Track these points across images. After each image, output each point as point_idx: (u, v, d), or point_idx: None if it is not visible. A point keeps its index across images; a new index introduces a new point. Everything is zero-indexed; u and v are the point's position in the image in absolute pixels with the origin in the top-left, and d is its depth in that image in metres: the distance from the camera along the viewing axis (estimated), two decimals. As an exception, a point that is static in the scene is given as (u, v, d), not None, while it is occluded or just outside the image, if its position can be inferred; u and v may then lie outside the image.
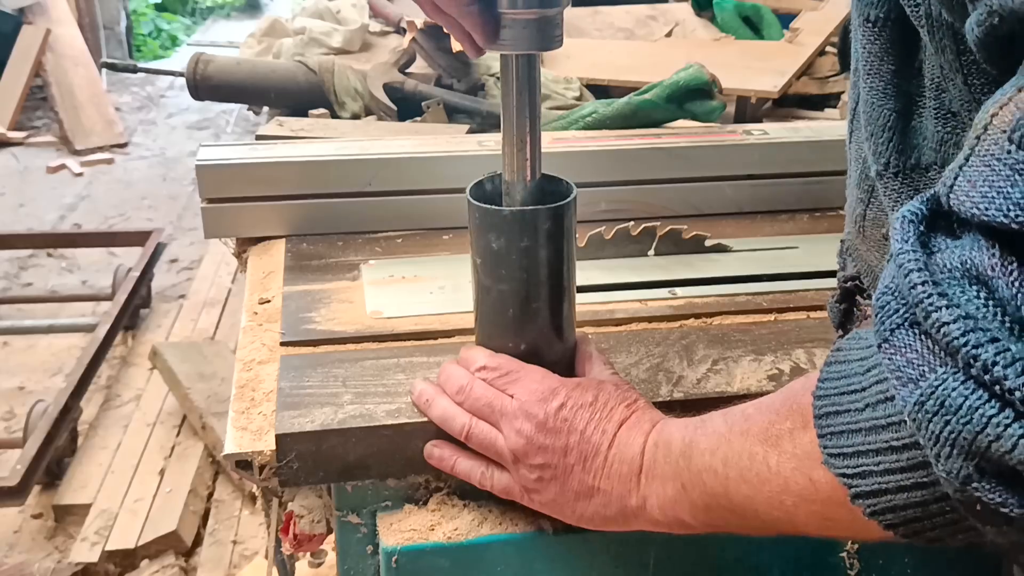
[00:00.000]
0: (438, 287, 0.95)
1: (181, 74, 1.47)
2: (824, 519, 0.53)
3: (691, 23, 1.89)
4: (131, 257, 3.39)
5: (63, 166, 4.79)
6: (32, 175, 4.72)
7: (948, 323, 0.39)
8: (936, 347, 0.41)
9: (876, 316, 0.44)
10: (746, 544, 0.78)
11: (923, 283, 0.41)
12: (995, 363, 0.38)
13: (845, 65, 1.71)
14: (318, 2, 1.81)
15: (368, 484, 0.76)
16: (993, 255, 0.39)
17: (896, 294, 0.43)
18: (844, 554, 0.79)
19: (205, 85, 1.45)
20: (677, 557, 0.77)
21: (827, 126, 1.25)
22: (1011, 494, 0.40)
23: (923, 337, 0.42)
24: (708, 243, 1.02)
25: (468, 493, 0.76)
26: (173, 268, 3.72)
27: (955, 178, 0.41)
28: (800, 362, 0.83)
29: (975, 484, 0.40)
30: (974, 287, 0.40)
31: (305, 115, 1.41)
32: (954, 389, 0.40)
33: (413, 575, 0.73)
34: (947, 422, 0.40)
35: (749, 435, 0.57)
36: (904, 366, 0.42)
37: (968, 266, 0.40)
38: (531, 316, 0.73)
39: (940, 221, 0.44)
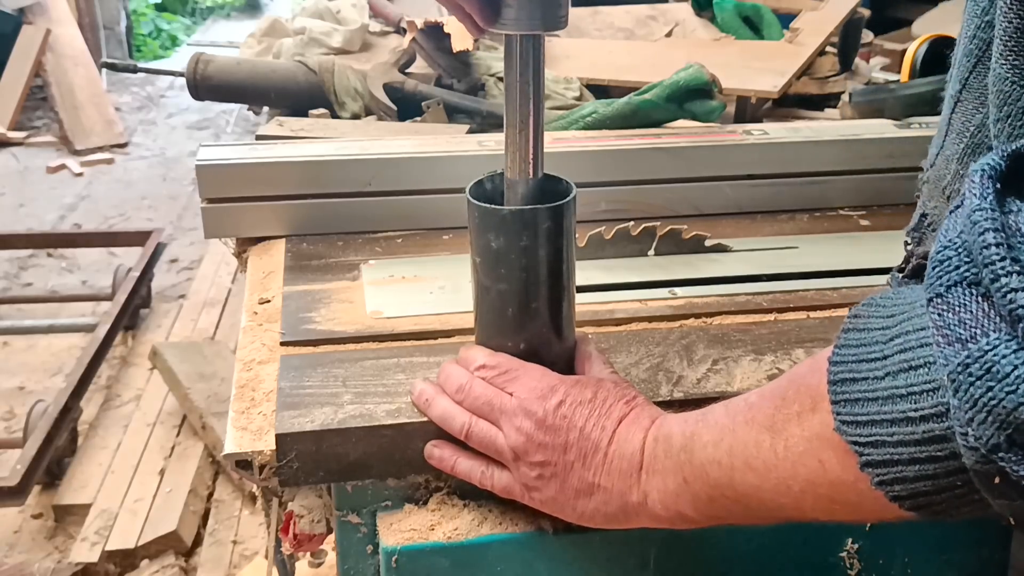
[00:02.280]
0: (438, 287, 0.95)
1: (181, 74, 1.47)
2: (831, 502, 0.53)
3: (691, 23, 1.88)
4: (131, 257, 3.39)
5: (63, 166, 4.79)
6: (32, 175, 4.72)
7: (1017, 290, 0.39)
8: (993, 311, 0.40)
9: (933, 270, 0.43)
10: (746, 544, 0.78)
11: (997, 244, 0.40)
12: None
13: (845, 65, 1.70)
14: (318, 2, 1.80)
15: (368, 484, 0.76)
16: None
17: (961, 249, 0.42)
18: (844, 554, 0.79)
19: (205, 85, 1.45)
20: (677, 556, 0.77)
21: (827, 126, 1.25)
22: None
23: (980, 299, 0.41)
24: (708, 243, 1.02)
25: (468, 493, 0.76)
26: (173, 268, 3.72)
27: None
28: (800, 362, 0.83)
29: (1002, 454, 0.40)
30: None
31: (305, 115, 1.41)
32: (1004, 356, 0.39)
33: (413, 575, 0.73)
34: (990, 388, 0.39)
35: (754, 423, 0.56)
36: (955, 324, 0.41)
37: None
38: (531, 316, 0.73)
39: (1016, 182, 0.42)
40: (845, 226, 1.12)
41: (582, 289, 0.86)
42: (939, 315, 0.42)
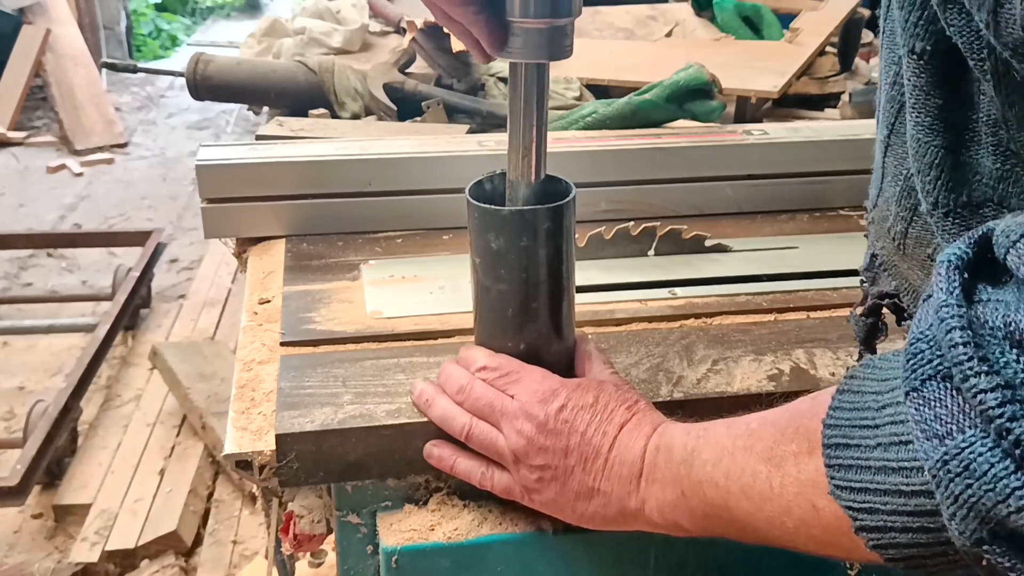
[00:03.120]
0: (438, 287, 0.95)
1: (181, 74, 1.47)
2: (824, 543, 0.53)
3: (691, 23, 1.88)
4: (131, 257, 3.39)
5: (63, 166, 4.79)
6: (32, 175, 4.72)
7: (985, 391, 0.39)
8: (967, 406, 0.41)
9: (908, 362, 0.43)
10: (746, 544, 0.77)
11: (964, 343, 0.40)
12: None
13: (845, 65, 1.71)
14: (318, 2, 1.81)
15: (368, 484, 0.76)
16: None
17: (932, 344, 0.42)
18: (844, 554, 0.79)
19: (205, 85, 1.45)
20: (677, 557, 0.77)
21: (827, 126, 1.25)
22: (1021, 559, 0.40)
23: (954, 393, 0.41)
24: (708, 243, 1.02)
25: (468, 493, 0.76)
26: (173, 268, 3.72)
27: (1021, 237, 0.40)
28: (800, 362, 0.83)
29: (986, 547, 0.40)
30: (1014, 351, 0.39)
31: (305, 115, 1.41)
32: (981, 455, 0.40)
33: (413, 575, 0.73)
34: (968, 485, 0.40)
35: (752, 452, 0.56)
36: (932, 420, 0.42)
37: (1012, 328, 0.40)
38: (530, 316, 0.73)
39: (985, 267, 0.43)
40: (845, 226, 1.12)
41: (582, 289, 0.86)
42: (916, 409, 0.43)
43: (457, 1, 0.65)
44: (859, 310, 0.69)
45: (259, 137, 1.28)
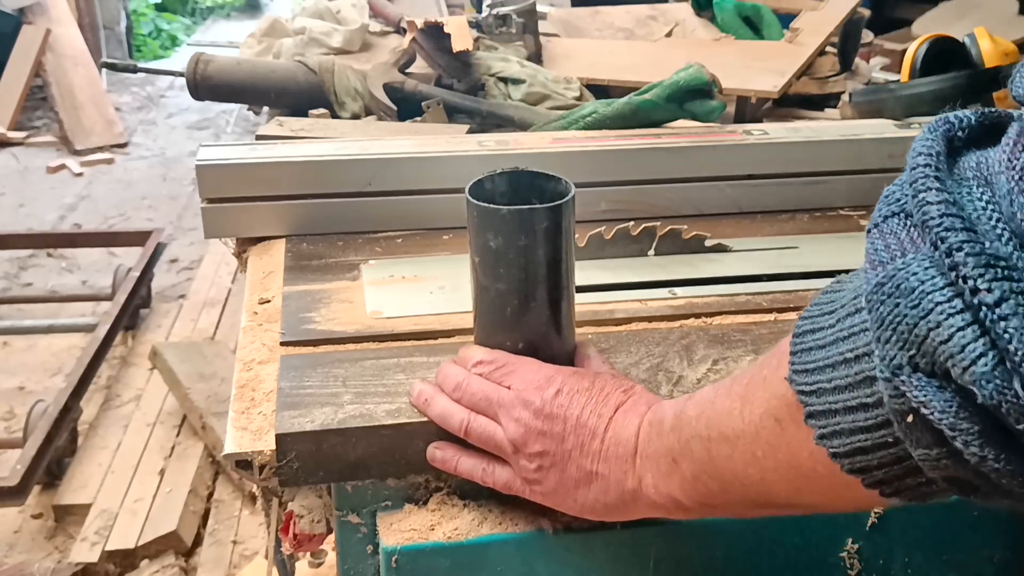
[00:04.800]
0: (438, 287, 0.95)
1: (181, 74, 1.47)
2: (790, 470, 0.52)
3: (691, 23, 1.88)
4: (131, 257, 3.39)
5: (63, 166, 4.79)
6: (32, 175, 4.72)
7: (931, 204, 0.38)
8: (918, 235, 0.40)
9: (877, 205, 0.43)
10: (746, 544, 0.78)
11: (925, 166, 0.40)
12: (959, 248, 0.37)
13: (845, 65, 1.70)
14: (318, 2, 1.80)
15: (368, 484, 0.76)
16: (1010, 145, 0.38)
17: (901, 184, 0.42)
18: (844, 554, 0.79)
19: (205, 85, 1.45)
20: (677, 557, 0.77)
21: (827, 126, 1.25)
22: (937, 396, 0.38)
23: (910, 227, 0.41)
24: (708, 243, 1.02)
25: (468, 493, 0.76)
26: (173, 268, 3.72)
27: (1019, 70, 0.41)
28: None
29: (904, 378, 0.39)
30: (980, 188, 0.39)
31: (305, 115, 1.41)
32: (914, 273, 0.39)
33: (413, 575, 0.73)
34: (896, 304, 0.39)
35: (731, 394, 0.56)
36: (881, 249, 0.41)
37: (982, 167, 0.39)
38: (530, 315, 0.73)
39: (985, 137, 0.42)
40: (845, 226, 1.12)
41: (582, 289, 0.86)
42: (871, 243, 0.42)
43: None
44: None
45: (259, 137, 1.28)
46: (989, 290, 0.36)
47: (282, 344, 0.85)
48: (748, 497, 0.58)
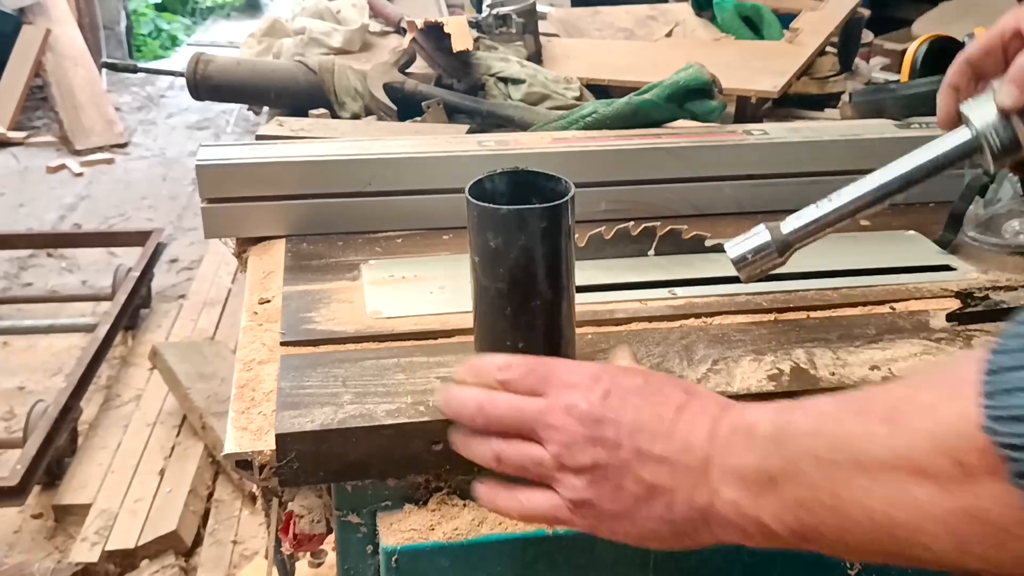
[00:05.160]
0: (438, 287, 0.95)
1: (181, 74, 1.47)
2: (970, 521, 0.43)
3: (691, 23, 1.88)
4: (131, 257, 3.39)
5: (63, 166, 4.79)
6: (32, 175, 4.72)
7: None
8: None
9: None
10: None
11: None
12: None
13: (845, 65, 1.70)
14: (318, 2, 1.80)
15: (368, 484, 0.76)
16: None
17: None
18: (844, 554, 0.78)
19: (205, 85, 1.44)
20: (677, 557, 0.77)
21: (827, 126, 1.25)
22: None
23: None
24: (708, 243, 1.02)
25: (468, 493, 0.76)
26: (173, 268, 3.72)
27: None
28: (800, 362, 0.83)
29: None
30: None
31: (305, 115, 1.41)
32: None
33: (413, 575, 0.73)
34: None
35: (866, 412, 0.48)
36: None
37: None
38: (529, 315, 0.73)
39: None
40: (845, 226, 1.12)
41: (582, 289, 0.86)
42: None
43: None
44: None
45: (259, 137, 1.28)
46: None
47: (282, 344, 0.85)
48: (876, 541, 0.48)
